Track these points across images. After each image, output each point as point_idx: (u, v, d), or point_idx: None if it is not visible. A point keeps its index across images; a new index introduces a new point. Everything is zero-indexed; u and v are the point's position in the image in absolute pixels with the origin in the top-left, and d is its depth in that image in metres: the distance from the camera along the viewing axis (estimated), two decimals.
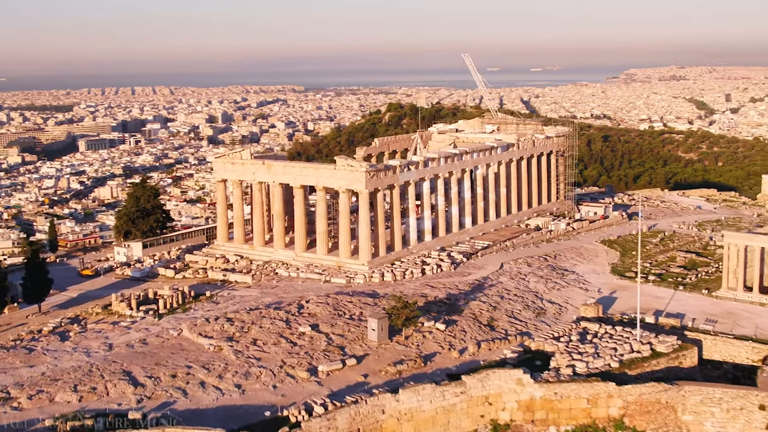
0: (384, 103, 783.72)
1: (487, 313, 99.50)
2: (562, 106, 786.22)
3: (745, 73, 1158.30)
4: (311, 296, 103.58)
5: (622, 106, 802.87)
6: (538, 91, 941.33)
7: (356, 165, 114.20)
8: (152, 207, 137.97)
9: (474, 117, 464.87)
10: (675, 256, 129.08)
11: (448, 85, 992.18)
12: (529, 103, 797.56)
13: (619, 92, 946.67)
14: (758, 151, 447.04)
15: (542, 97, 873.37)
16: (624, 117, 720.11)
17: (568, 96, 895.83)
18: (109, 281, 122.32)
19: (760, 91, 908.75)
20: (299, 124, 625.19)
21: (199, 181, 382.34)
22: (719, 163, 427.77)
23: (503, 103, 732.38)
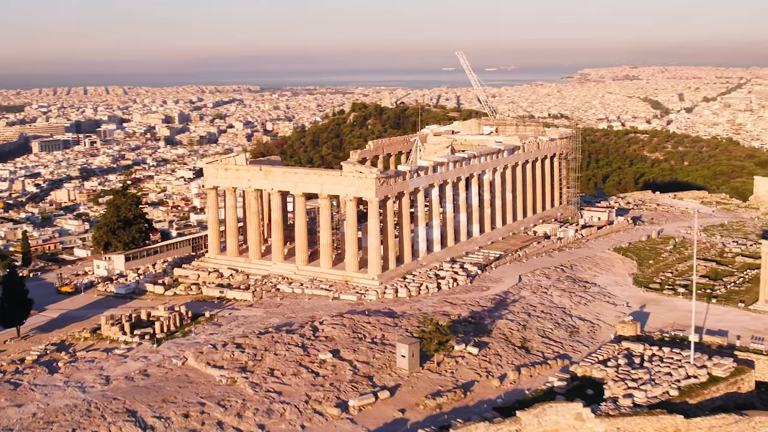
0: (342, 102, 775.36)
1: (518, 333, 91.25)
2: (519, 105, 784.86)
3: (696, 73, 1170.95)
4: (323, 316, 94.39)
5: (579, 106, 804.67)
6: (495, 90, 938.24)
7: (366, 171, 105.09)
8: (134, 216, 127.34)
9: (439, 117, 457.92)
10: None
11: (405, 85, 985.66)
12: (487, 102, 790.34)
13: (574, 92, 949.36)
14: (722, 150, 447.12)
15: (499, 97, 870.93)
16: (582, 116, 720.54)
17: (524, 96, 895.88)
18: (90, 299, 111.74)
19: (711, 90, 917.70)
20: (257, 124, 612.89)
21: (160, 183, 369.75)
22: (685, 162, 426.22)
23: (460, 103, 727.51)
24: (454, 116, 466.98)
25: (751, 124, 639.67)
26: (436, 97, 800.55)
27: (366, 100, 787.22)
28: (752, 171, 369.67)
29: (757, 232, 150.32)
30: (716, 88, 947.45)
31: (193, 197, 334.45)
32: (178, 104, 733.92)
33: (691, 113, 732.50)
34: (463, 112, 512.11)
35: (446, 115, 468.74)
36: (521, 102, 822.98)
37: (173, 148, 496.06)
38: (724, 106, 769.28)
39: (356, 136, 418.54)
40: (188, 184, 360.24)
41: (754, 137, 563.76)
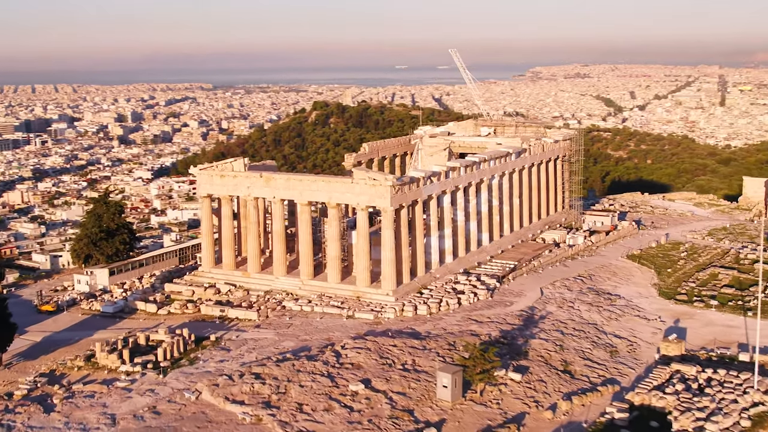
0: (296, 101, 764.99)
1: (556, 354, 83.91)
2: (473, 103, 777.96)
3: (645, 71, 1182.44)
4: (343, 339, 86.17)
5: (533, 104, 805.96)
6: (449, 88, 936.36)
7: (380, 178, 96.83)
8: (117, 226, 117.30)
9: (403, 116, 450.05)
10: (715, 273, 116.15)
11: (358, 83, 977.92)
12: (441, 100, 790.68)
13: (527, 90, 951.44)
14: (684, 148, 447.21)
15: (453, 95, 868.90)
16: (537, 114, 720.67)
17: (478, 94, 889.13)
18: (75, 319, 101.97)
19: (662, 88, 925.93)
20: (212, 122, 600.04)
21: (117, 184, 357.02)
22: (648, 160, 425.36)
23: (415, 101, 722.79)
24: (416, 114, 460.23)
25: (704, 121, 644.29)
26: (391, 95, 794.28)
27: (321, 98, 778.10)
28: (714, 169, 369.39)
29: (763, 236, 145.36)
30: (666, 86, 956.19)
31: (153, 198, 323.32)
32: (130, 102, 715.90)
33: (644, 111, 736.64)
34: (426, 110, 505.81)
35: (408, 113, 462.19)
36: (476, 100, 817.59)
37: (128, 147, 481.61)
38: (676, 103, 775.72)
39: (319, 135, 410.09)
40: (147, 185, 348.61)
41: (709, 135, 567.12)
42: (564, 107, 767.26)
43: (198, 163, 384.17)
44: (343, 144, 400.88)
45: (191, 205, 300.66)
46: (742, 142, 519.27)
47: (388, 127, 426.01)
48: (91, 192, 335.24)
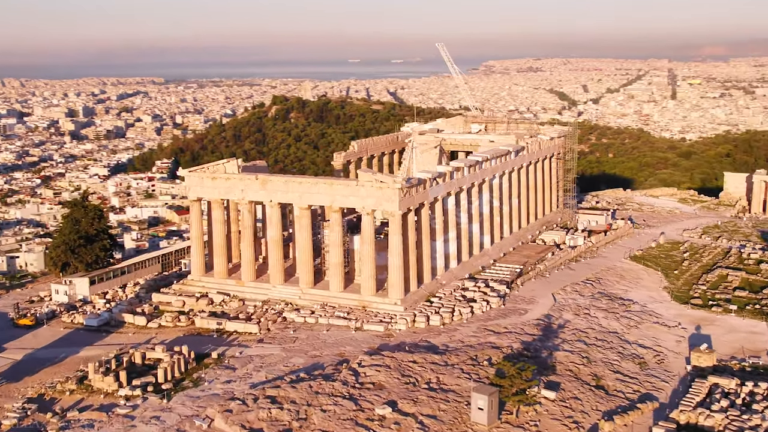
0: (250, 95, 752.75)
1: (584, 368, 78.94)
2: (429, 97, 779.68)
3: (597, 64, 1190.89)
4: (357, 355, 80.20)
5: (488, 97, 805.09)
6: (403, 82, 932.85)
7: (388, 180, 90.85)
8: (97, 232, 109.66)
9: (364, 111, 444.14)
10: (724, 275, 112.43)
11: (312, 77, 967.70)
12: (396, 94, 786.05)
13: (481, 83, 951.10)
14: (644, 142, 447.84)
15: (408, 89, 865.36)
16: (492, 108, 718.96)
17: (433, 87, 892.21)
18: (57, 333, 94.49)
19: (614, 82, 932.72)
20: (166, 117, 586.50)
21: (72, 181, 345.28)
22: (610, 154, 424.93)
23: (370, 95, 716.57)
24: (378, 109, 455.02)
25: (657, 115, 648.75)
26: (346, 89, 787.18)
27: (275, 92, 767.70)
28: (676, 162, 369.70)
29: (756, 233, 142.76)
30: (617, 79, 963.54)
31: (110, 196, 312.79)
32: (80, 97, 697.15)
33: (598, 104, 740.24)
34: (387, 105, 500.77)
35: (369, 108, 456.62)
36: (431, 93, 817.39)
37: (80, 143, 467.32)
38: (629, 97, 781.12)
39: (279, 130, 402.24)
40: (104, 181, 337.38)
41: (663, 128, 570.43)
42: (519, 101, 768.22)
43: (156, 159, 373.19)
44: (305, 139, 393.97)
45: (151, 203, 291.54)
46: (696, 135, 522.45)
47: (349, 122, 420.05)
48: (45, 189, 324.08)
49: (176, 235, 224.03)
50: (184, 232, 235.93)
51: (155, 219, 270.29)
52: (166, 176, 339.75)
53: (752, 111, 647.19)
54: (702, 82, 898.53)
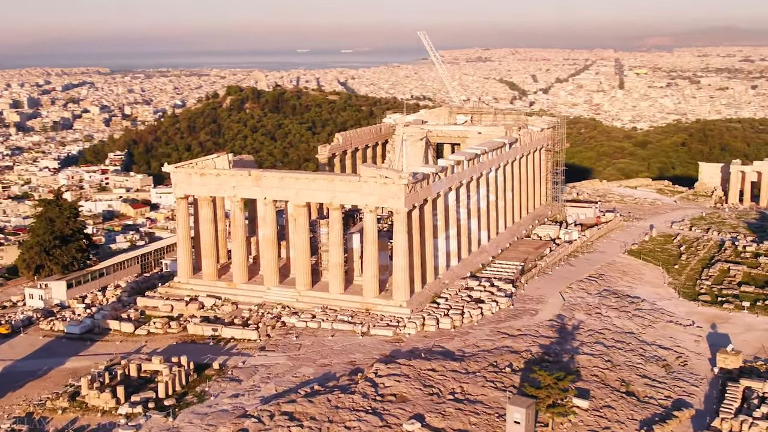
0: (199, 85, 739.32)
1: (610, 373, 75.03)
2: (380, 87, 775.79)
3: (545, 54, 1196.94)
4: (373, 363, 75.05)
5: (440, 87, 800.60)
6: (353, 72, 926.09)
7: (393, 176, 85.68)
8: (72, 231, 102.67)
9: (320, 101, 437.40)
10: (725, 269, 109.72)
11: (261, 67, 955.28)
12: (347, 84, 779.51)
13: (431, 74, 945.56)
14: (601, 131, 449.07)
15: (358, 79, 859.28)
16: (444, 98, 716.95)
17: (384, 77, 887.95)
18: (36, 342, 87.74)
19: (562, 72, 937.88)
20: (114, 108, 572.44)
21: (22, 174, 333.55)
22: (567, 144, 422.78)
23: (321, 84, 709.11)
24: (334, 99, 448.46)
25: (607, 104, 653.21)
26: (296, 79, 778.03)
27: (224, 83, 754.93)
28: (632, 152, 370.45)
29: (742, 225, 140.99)
30: (566, 69, 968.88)
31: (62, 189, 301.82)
32: (24, 88, 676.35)
33: (548, 94, 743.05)
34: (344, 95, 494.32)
35: (326, 98, 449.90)
36: (382, 84, 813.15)
37: (27, 135, 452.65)
38: (578, 86, 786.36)
39: (235, 121, 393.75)
40: (55, 174, 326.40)
41: (614, 117, 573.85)
42: (470, 91, 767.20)
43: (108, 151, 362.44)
44: (261, 130, 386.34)
45: (105, 196, 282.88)
46: (647, 124, 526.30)
47: (305, 112, 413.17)
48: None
49: (132, 230, 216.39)
50: (140, 226, 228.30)
51: (110, 213, 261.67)
52: (119, 169, 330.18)
53: (699, 100, 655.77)
54: (648, 71, 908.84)
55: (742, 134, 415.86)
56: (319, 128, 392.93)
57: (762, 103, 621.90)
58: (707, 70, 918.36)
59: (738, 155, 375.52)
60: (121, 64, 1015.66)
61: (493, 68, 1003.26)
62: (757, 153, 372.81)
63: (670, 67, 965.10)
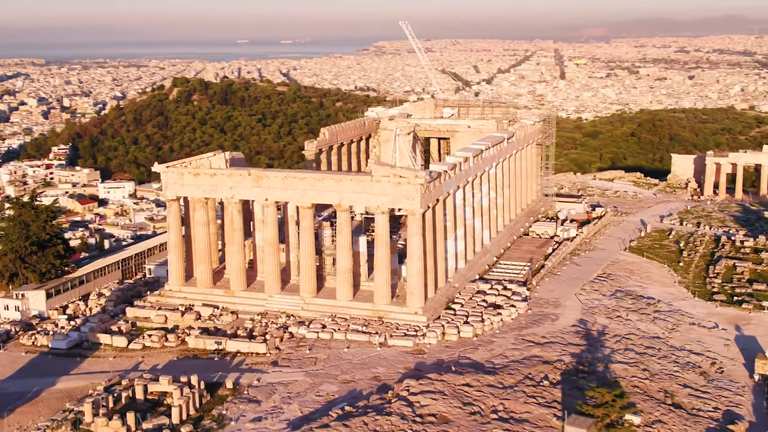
0: (138, 76, 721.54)
1: (650, 382, 70.97)
2: (323, 78, 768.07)
3: (485, 45, 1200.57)
4: (397, 377, 69.60)
5: (383, 78, 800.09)
6: (295, 63, 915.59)
7: (408, 175, 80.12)
8: (49, 236, 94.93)
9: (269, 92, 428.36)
10: (730, 266, 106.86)
11: (201, 58, 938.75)
12: (289, 75, 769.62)
13: (374, 64, 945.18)
14: None
15: (300, 70, 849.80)
16: (388, 89, 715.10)
17: (326, 68, 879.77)
18: (18, 360, 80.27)
19: (503, 62, 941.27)
20: (52, 100, 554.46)
21: None
22: None
23: (262, 75, 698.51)
24: (283, 90, 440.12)
25: (551, 94, 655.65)
26: (237, 70, 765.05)
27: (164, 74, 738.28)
28: (583, 142, 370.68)
29: (729, 218, 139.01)
30: (506, 60, 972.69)
31: (5, 185, 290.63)
32: None
33: (491, 84, 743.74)
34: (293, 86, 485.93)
35: (275, 90, 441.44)
36: (324, 74, 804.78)
37: None
38: (520, 77, 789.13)
39: (183, 113, 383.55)
40: None
41: (558, 107, 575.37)
42: (414, 81, 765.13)
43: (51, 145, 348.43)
44: (210, 122, 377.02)
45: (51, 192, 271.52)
46: (591, 114, 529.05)
47: (254, 104, 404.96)
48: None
49: (81, 226, 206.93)
50: (89, 222, 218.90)
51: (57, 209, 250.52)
52: (64, 163, 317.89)
53: (639, 90, 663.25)
54: (587, 62, 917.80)
55: (690, 124, 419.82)
56: (270, 120, 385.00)
57: (700, 93, 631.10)
58: (645, 60, 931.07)
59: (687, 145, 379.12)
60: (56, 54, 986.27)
61: (435, 59, 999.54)
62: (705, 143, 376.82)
63: (608, 57, 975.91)
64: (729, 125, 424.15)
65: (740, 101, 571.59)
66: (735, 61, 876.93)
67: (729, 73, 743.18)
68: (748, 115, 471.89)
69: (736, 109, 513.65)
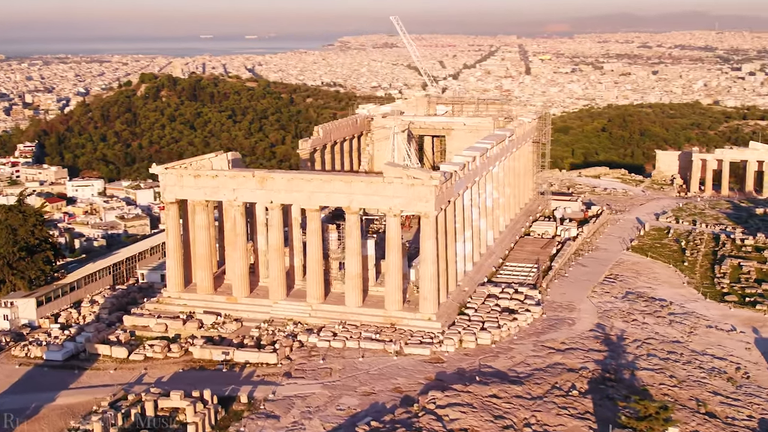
0: (101, 72, 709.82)
1: (681, 391, 68.88)
2: (289, 73, 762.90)
3: (450, 41, 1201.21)
4: (427, 390, 66.57)
5: (349, 74, 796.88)
6: (260, 58, 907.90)
7: (423, 176, 76.98)
8: (38, 241, 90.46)
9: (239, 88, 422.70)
10: (734, 265, 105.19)
11: (164, 53, 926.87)
12: (254, 70, 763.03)
13: (339, 60, 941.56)
14: None
15: (266, 65, 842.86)
16: (355, 84, 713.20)
17: (291, 63, 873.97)
18: (12, 373, 75.95)
19: (469, 58, 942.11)
20: (14, 96, 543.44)
21: None
22: None
23: (228, 71, 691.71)
24: (252, 86, 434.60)
25: (518, 90, 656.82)
26: (201, 66, 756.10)
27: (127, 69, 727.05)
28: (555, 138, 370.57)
29: (722, 215, 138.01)
30: (472, 55, 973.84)
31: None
32: None
33: (458, 80, 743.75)
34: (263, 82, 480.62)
35: (244, 85, 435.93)
36: (290, 70, 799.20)
37: None
38: (486, 72, 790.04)
39: (151, 109, 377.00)
40: None
41: (525, 102, 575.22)
42: (380, 77, 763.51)
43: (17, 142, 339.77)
44: (180, 119, 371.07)
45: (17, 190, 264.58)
46: (559, 109, 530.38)
47: (224, 100, 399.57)
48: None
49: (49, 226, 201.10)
50: (57, 221, 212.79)
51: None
52: (31, 161, 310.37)
53: (605, 86, 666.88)
54: (552, 57, 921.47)
55: (659, 120, 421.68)
56: (240, 116, 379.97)
57: (665, 88, 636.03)
58: (608, 56, 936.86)
59: (657, 140, 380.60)
60: (15, 50, 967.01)
61: (401, 54, 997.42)
62: (676, 138, 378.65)
63: (573, 53, 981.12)
64: (697, 120, 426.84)
65: (704, 96, 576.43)
66: (697, 56, 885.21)
67: (691, 69, 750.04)
68: (715, 110, 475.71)
69: (702, 104, 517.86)
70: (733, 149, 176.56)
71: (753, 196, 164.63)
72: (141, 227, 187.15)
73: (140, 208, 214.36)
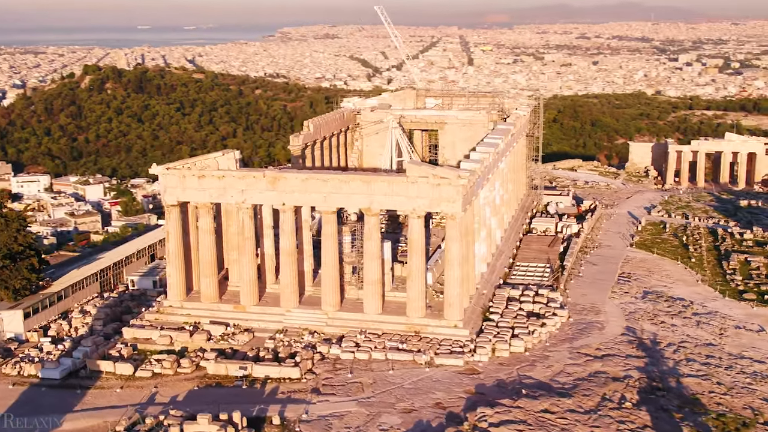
0: (37, 63, 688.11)
1: (732, 399, 65.54)
2: (231, 64, 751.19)
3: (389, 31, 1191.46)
4: (476, 407, 62.01)
5: (292, 65, 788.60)
6: (200, 49, 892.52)
7: (450, 175, 72.25)
8: (22, 248, 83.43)
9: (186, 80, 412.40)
10: (742, 261, 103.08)
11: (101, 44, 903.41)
12: (195, 61, 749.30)
13: (281, 51, 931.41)
14: None
15: (206, 56, 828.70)
16: (298, 75, 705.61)
17: (233, 55, 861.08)
18: (8, 393, 69.66)
19: (410, 48, 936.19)
20: None
21: None
22: None
23: (168, 62, 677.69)
24: (200, 78, 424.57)
25: (462, 81, 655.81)
26: (140, 56, 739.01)
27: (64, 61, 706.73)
28: None
29: (710, 208, 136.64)
30: (413, 46, 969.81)
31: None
32: None
33: (402, 71, 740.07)
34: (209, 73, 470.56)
35: (191, 77, 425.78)
36: (232, 61, 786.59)
37: None
38: (429, 63, 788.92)
39: (97, 102, 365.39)
40: None
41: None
42: (323, 68, 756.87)
43: None
44: (127, 112, 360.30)
45: None
46: None
47: (171, 92, 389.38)
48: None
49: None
50: None
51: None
52: None
53: (548, 76, 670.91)
54: (493, 48, 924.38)
55: (608, 110, 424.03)
56: (189, 109, 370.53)
57: (606, 79, 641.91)
58: (548, 46, 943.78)
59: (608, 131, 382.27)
60: None
61: (342, 45, 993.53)
62: (626, 128, 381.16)
63: (513, 43, 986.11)
64: (645, 110, 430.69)
65: (646, 86, 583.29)
66: (634, 47, 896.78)
67: (630, 59, 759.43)
68: (660, 100, 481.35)
69: (647, 94, 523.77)
70: (709, 141, 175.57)
71: (728, 188, 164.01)
72: (92, 224, 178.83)
73: (90, 204, 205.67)
